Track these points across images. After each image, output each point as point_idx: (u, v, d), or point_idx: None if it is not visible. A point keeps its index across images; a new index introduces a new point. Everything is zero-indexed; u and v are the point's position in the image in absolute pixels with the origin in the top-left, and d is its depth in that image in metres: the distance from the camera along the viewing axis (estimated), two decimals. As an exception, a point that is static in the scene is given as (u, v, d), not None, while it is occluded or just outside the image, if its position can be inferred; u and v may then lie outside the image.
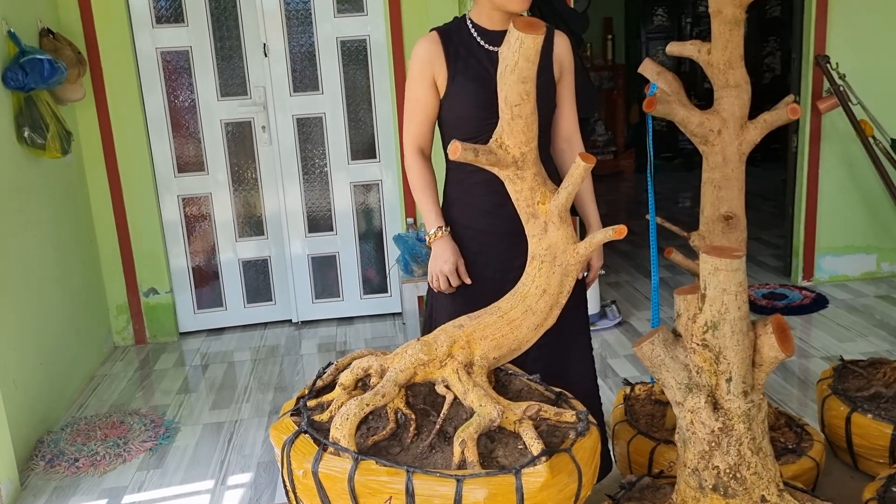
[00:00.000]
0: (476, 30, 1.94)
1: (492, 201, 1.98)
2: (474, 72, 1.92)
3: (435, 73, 1.94)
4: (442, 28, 1.98)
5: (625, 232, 1.14)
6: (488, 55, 1.92)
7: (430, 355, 1.24)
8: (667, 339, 1.30)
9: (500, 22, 1.92)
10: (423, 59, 1.94)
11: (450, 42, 1.94)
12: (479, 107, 1.91)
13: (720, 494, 1.31)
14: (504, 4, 1.85)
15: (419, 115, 1.99)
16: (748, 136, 1.77)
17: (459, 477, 1.07)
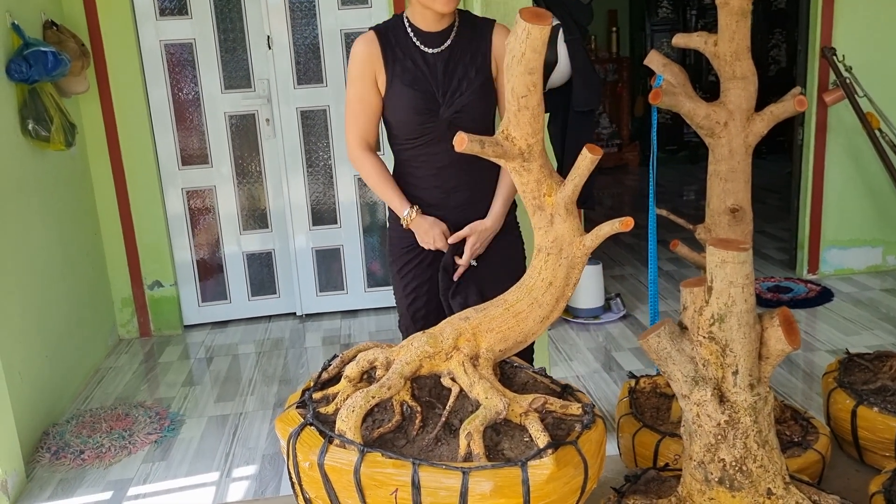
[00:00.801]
0: (412, 30, 1.94)
1: (437, 195, 2.01)
2: (411, 76, 1.93)
3: (375, 73, 1.95)
4: (380, 28, 1.98)
5: (631, 224, 1.13)
6: (423, 57, 1.93)
7: (435, 348, 1.23)
8: (673, 332, 1.30)
9: (433, 22, 1.92)
10: (363, 59, 1.95)
11: (387, 43, 1.95)
12: (417, 112, 1.93)
13: (726, 487, 1.31)
14: (430, 4, 1.86)
15: (364, 113, 1.99)
16: (755, 128, 1.76)
17: (465, 469, 1.07)
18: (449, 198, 2.01)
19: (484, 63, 1.95)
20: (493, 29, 1.97)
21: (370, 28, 2.00)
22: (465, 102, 1.92)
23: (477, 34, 1.95)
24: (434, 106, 1.93)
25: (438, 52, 1.92)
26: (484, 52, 1.94)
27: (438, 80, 1.93)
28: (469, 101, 1.92)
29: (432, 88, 1.92)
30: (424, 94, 1.91)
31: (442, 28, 1.93)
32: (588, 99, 2.38)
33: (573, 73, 2.35)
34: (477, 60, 1.93)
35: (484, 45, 1.95)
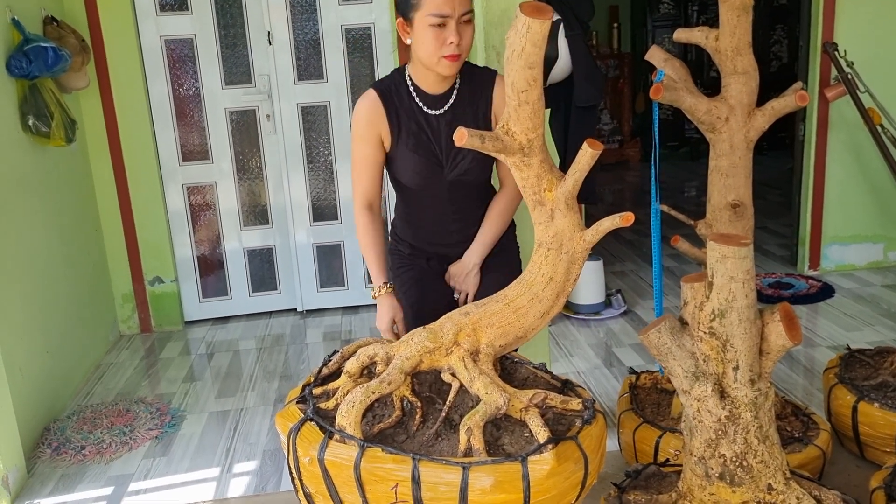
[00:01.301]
0: (415, 90, 1.94)
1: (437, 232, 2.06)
2: (415, 140, 1.93)
3: (380, 134, 1.95)
4: (382, 87, 1.97)
5: (632, 219, 1.13)
6: (427, 119, 1.93)
7: (436, 343, 1.23)
8: (674, 328, 1.30)
9: (435, 83, 1.91)
10: (367, 120, 1.95)
11: (390, 104, 1.94)
12: (421, 175, 1.95)
13: (726, 482, 1.30)
14: (433, 67, 1.84)
15: (368, 172, 1.99)
16: (756, 123, 1.75)
17: (466, 464, 1.07)
18: (449, 235, 2.05)
19: (486, 122, 1.95)
20: (493, 82, 1.95)
21: (372, 86, 1.98)
22: (467, 166, 1.93)
23: (477, 91, 1.94)
24: (437, 168, 1.94)
25: (441, 114, 1.91)
26: (484, 111, 1.94)
27: (442, 143, 1.93)
28: (471, 164, 1.93)
29: (436, 151, 1.93)
30: (428, 158, 1.92)
31: (444, 89, 1.92)
32: (590, 94, 2.37)
33: (574, 68, 2.34)
34: (479, 120, 1.93)
35: (484, 104, 1.94)
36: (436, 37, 1.74)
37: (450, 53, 1.76)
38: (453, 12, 1.72)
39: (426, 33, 1.76)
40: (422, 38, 1.78)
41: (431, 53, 1.78)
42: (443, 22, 1.73)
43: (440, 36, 1.74)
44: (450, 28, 1.73)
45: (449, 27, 1.73)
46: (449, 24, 1.73)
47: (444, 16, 1.72)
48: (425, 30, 1.75)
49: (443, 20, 1.72)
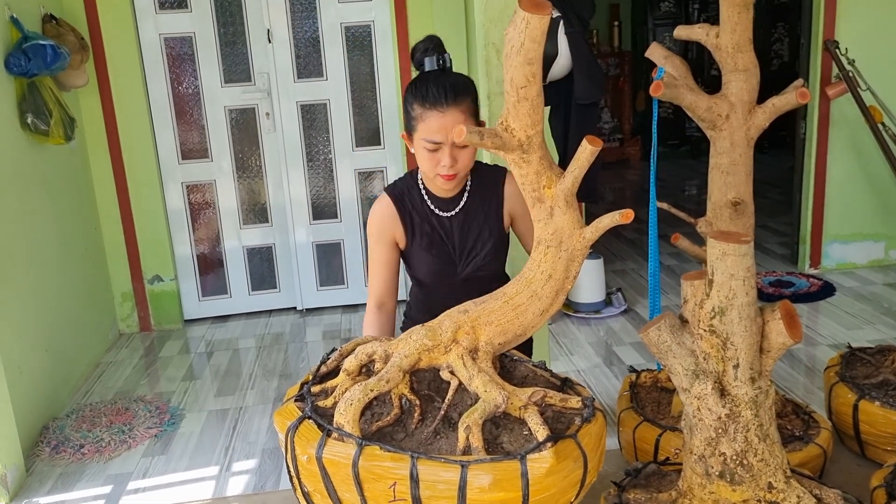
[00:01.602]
0: (427, 194, 1.95)
1: None
2: (428, 240, 1.95)
3: (395, 235, 1.97)
4: (395, 191, 1.98)
5: (632, 216, 1.12)
6: (439, 220, 1.95)
7: (434, 341, 1.23)
8: (673, 325, 1.29)
9: (444, 190, 1.92)
10: (381, 223, 1.97)
11: (403, 208, 1.95)
12: (435, 273, 1.96)
13: (727, 481, 1.30)
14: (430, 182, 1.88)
15: (382, 273, 2.01)
16: (756, 120, 1.74)
17: (464, 463, 1.06)
18: None
19: (497, 220, 1.97)
20: (504, 179, 1.97)
21: (385, 190, 2.00)
22: (480, 263, 1.95)
23: (488, 190, 1.96)
24: (451, 266, 1.96)
25: (453, 216, 1.93)
26: (496, 209, 1.96)
27: (455, 242, 1.95)
28: (484, 261, 1.95)
29: (449, 250, 1.95)
30: (441, 257, 1.94)
31: (455, 192, 1.93)
32: (590, 91, 2.36)
33: (575, 65, 2.33)
34: (490, 219, 1.96)
35: (496, 202, 1.95)
36: (430, 157, 1.78)
37: (444, 174, 1.79)
38: (445, 140, 1.75)
39: (422, 153, 1.80)
40: (420, 156, 1.82)
41: (427, 171, 1.82)
42: (436, 147, 1.76)
43: (434, 157, 1.78)
44: (443, 152, 1.76)
45: (443, 151, 1.76)
46: (442, 149, 1.76)
47: (437, 142, 1.75)
48: (421, 150, 1.79)
49: (436, 146, 1.76)
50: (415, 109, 1.77)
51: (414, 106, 1.77)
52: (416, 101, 1.76)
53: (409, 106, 1.79)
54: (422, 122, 1.75)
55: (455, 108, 1.74)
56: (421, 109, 1.75)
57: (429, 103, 1.74)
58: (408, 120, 1.82)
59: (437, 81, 1.76)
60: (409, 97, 1.79)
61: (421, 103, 1.75)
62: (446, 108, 1.73)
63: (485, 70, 2.09)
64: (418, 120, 1.76)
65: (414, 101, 1.77)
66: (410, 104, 1.79)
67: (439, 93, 1.74)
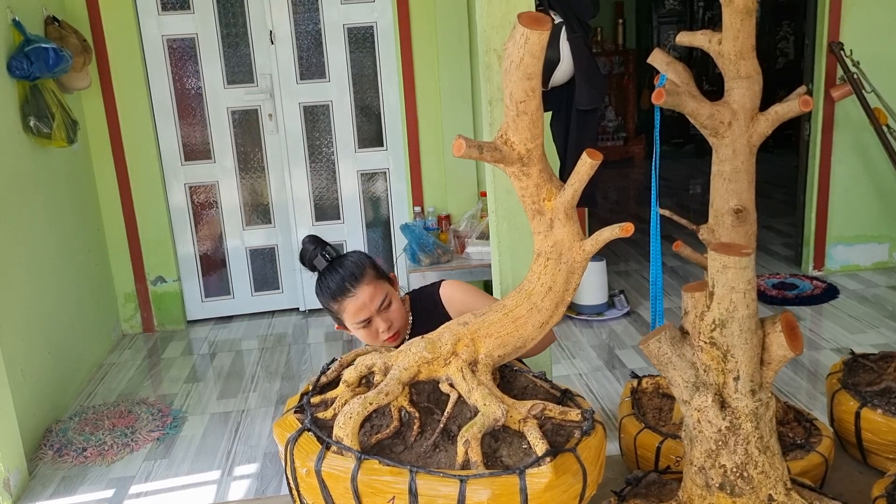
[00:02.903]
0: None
1: None
2: None
3: None
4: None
5: (632, 230, 1.11)
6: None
7: (434, 353, 1.22)
8: (674, 337, 1.28)
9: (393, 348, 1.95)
10: None
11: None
12: None
13: (727, 493, 1.29)
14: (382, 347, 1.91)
15: None
16: (759, 128, 1.74)
17: (463, 477, 1.06)
18: None
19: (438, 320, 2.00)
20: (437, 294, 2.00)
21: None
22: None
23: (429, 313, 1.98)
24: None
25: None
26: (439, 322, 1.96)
27: None
28: None
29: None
30: None
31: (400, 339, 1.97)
32: (591, 97, 2.35)
33: (576, 71, 2.32)
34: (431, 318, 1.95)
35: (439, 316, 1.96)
36: (368, 333, 1.87)
37: (387, 338, 1.88)
38: (371, 313, 1.84)
39: (360, 333, 1.88)
40: (360, 337, 1.89)
41: (373, 344, 1.88)
42: (367, 323, 1.85)
43: (371, 330, 1.86)
44: (375, 322, 1.85)
45: (374, 322, 1.86)
46: (373, 320, 1.85)
47: (364, 320, 1.84)
48: (358, 332, 1.87)
49: (366, 322, 1.85)
50: (332, 306, 1.87)
51: (331, 304, 1.87)
52: (328, 299, 1.87)
53: (327, 306, 1.89)
54: (345, 313, 1.85)
55: (361, 285, 1.84)
56: (337, 304, 1.85)
57: (339, 295, 1.84)
58: (333, 316, 1.91)
59: (334, 275, 1.86)
60: (323, 300, 1.89)
61: (333, 299, 1.85)
62: (355, 290, 1.83)
63: (486, 75, 2.08)
64: (340, 312, 1.86)
65: (328, 301, 1.87)
66: (327, 304, 1.89)
67: (341, 283, 1.85)
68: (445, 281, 2.05)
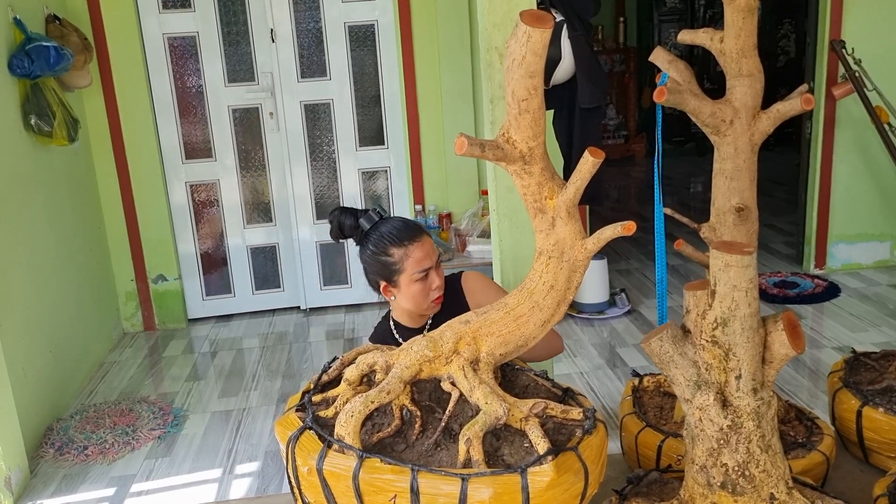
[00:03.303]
0: (397, 329, 2.00)
1: None
2: None
3: None
4: (378, 339, 2.03)
5: (633, 228, 1.11)
6: None
7: (435, 352, 1.22)
8: (675, 336, 1.28)
9: (420, 319, 1.99)
10: None
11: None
12: None
13: (728, 492, 1.29)
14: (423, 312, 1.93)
15: None
16: (761, 126, 1.73)
17: (465, 476, 1.06)
18: None
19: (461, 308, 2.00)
20: (459, 283, 2.02)
21: (369, 339, 2.06)
22: None
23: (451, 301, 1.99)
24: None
25: None
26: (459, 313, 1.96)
27: None
28: None
29: None
30: None
31: (424, 321, 1.99)
32: (593, 96, 2.35)
33: (578, 70, 2.32)
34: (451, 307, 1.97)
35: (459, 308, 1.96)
36: (422, 288, 1.87)
37: (437, 297, 1.90)
38: (432, 262, 1.87)
39: (413, 289, 1.87)
40: (409, 294, 1.89)
41: (421, 302, 1.89)
42: (427, 274, 1.86)
43: (425, 286, 1.87)
44: (432, 276, 1.87)
45: (431, 275, 1.87)
46: (430, 273, 1.87)
47: (427, 269, 1.86)
48: (411, 286, 1.87)
49: (427, 272, 1.86)
50: (394, 255, 1.85)
51: (391, 251, 1.85)
52: (392, 245, 1.85)
53: (384, 255, 1.86)
54: (408, 259, 1.84)
55: (425, 235, 1.88)
56: (402, 250, 1.84)
57: (406, 241, 1.85)
58: (387, 270, 1.88)
59: (397, 222, 1.89)
60: (379, 247, 1.87)
61: (399, 244, 1.85)
62: (421, 236, 1.87)
63: (487, 74, 2.08)
64: (402, 260, 1.85)
65: (389, 247, 1.86)
66: (385, 252, 1.86)
67: (410, 228, 1.88)
68: (466, 272, 2.07)
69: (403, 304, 1.93)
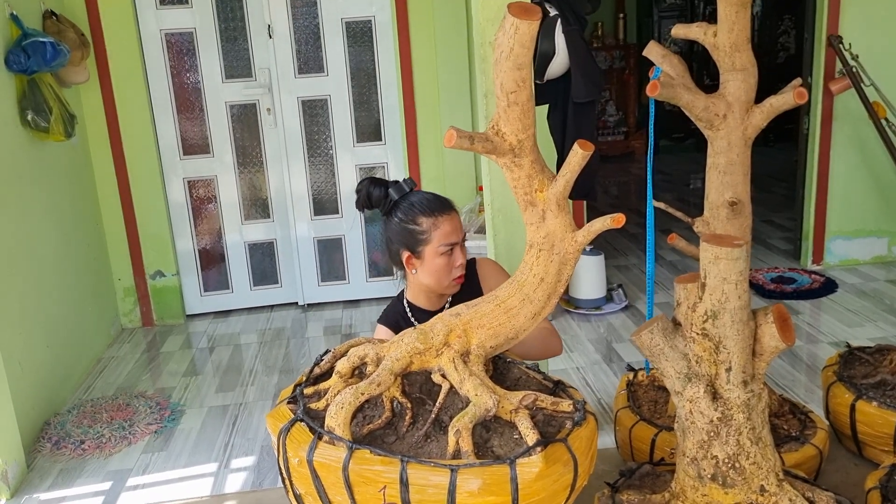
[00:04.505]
0: (412, 311, 1.98)
1: None
2: None
3: None
4: (388, 320, 2.01)
5: (623, 221, 1.11)
6: None
7: (426, 344, 1.23)
8: (666, 328, 1.29)
9: (435, 301, 1.97)
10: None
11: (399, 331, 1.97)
12: None
13: (719, 484, 1.30)
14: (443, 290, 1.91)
15: None
16: (754, 120, 1.73)
17: (454, 467, 1.06)
18: None
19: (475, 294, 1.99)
20: (474, 270, 2.00)
21: (378, 322, 2.03)
22: None
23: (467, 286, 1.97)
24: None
25: None
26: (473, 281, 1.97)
27: None
28: None
29: None
30: None
31: (441, 304, 1.98)
32: (588, 90, 2.35)
33: (572, 64, 2.32)
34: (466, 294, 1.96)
35: (475, 293, 1.94)
36: (446, 263, 1.85)
37: (458, 275, 1.88)
38: (459, 238, 1.86)
39: (437, 263, 1.85)
40: (433, 269, 1.86)
41: (443, 278, 1.87)
42: (452, 249, 1.85)
43: (449, 261, 1.85)
44: (456, 252, 1.86)
45: (455, 252, 1.86)
46: (455, 250, 1.86)
47: (454, 243, 1.84)
48: (435, 260, 1.85)
49: (452, 247, 1.85)
50: (422, 224, 1.83)
51: (420, 220, 1.84)
52: (422, 214, 1.84)
53: (412, 223, 1.84)
54: (436, 230, 1.83)
55: (455, 211, 1.87)
56: (431, 219, 1.83)
57: (437, 212, 1.83)
58: (412, 239, 1.86)
59: (428, 194, 1.88)
60: (408, 216, 1.84)
61: (429, 214, 1.83)
62: (451, 211, 1.85)
63: (481, 68, 2.08)
64: (430, 231, 1.83)
65: (418, 216, 1.84)
66: (413, 221, 1.84)
67: (441, 201, 1.86)
68: (479, 258, 2.06)
69: (424, 279, 1.90)
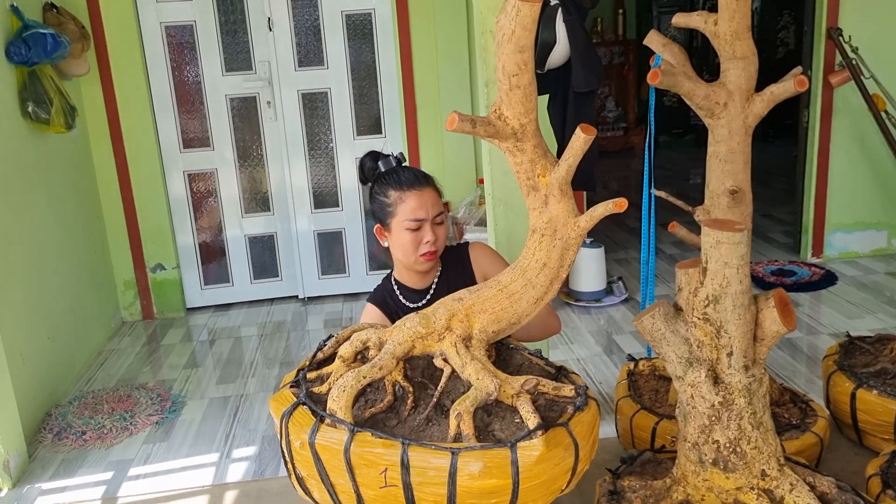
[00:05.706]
0: (400, 289, 1.98)
1: None
2: None
3: None
4: (377, 299, 2.01)
5: (625, 205, 1.12)
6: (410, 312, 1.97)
7: (428, 328, 1.23)
8: (668, 313, 1.29)
9: (418, 280, 1.96)
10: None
11: (388, 309, 1.99)
12: None
13: (720, 469, 1.30)
14: (411, 266, 1.91)
15: None
16: (754, 108, 1.73)
17: (455, 450, 1.06)
18: None
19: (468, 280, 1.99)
20: (467, 253, 2.01)
21: (368, 301, 2.04)
22: None
23: (456, 269, 1.99)
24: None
25: (422, 306, 1.94)
26: (468, 282, 1.94)
27: None
28: None
29: None
30: None
31: (428, 283, 1.97)
32: (588, 80, 2.35)
33: (572, 54, 2.32)
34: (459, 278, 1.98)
35: (467, 276, 1.98)
36: (412, 239, 1.85)
37: (426, 251, 1.86)
38: (427, 216, 1.84)
39: (403, 237, 1.85)
40: (399, 242, 1.87)
41: (409, 253, 1.87)
42: (419, 225, 1.84)
43: (416, 237, 1.85)
44: (425, 229, 1.85)
45: (424, 229, 1.85)
46: (424, 227, 1.85)
47: (420, 220, 1.83)
48: (401, 234, 1.85)
49: (419, 223, 1.84)
50: (390, 196, 1.84)
51: (389, 193, 1.85)
52: (391, 188, 1.85)
53: (383, 195, 1.86)
54: (401, 204, 1.83)
55: (429, 188, 1.85)
56: (398, 193, 1.83)
57: (405, 186, 1.83)
58: (382, 211, 1.87)
59: (407, 170, 1.87)
60: (381, 188, 1.86)
61: (397, 188, 1.84)
62: (423, 188, 1.84)
63: (482, 57, 2.08)
64: (396, 204, 1.84)
65: (388, 189, 1.85)
66: (384, 193, 1.86)
67: (413, 176, 1.85)
68: (473, 242, 2.06)
69: (394, 252, 1.92)
